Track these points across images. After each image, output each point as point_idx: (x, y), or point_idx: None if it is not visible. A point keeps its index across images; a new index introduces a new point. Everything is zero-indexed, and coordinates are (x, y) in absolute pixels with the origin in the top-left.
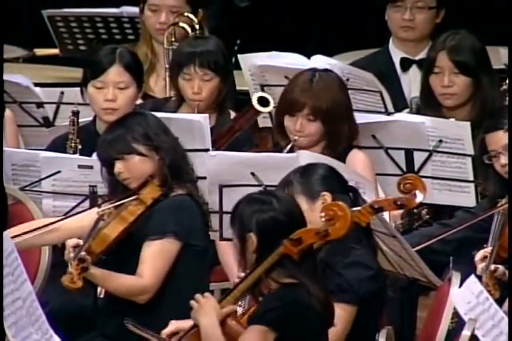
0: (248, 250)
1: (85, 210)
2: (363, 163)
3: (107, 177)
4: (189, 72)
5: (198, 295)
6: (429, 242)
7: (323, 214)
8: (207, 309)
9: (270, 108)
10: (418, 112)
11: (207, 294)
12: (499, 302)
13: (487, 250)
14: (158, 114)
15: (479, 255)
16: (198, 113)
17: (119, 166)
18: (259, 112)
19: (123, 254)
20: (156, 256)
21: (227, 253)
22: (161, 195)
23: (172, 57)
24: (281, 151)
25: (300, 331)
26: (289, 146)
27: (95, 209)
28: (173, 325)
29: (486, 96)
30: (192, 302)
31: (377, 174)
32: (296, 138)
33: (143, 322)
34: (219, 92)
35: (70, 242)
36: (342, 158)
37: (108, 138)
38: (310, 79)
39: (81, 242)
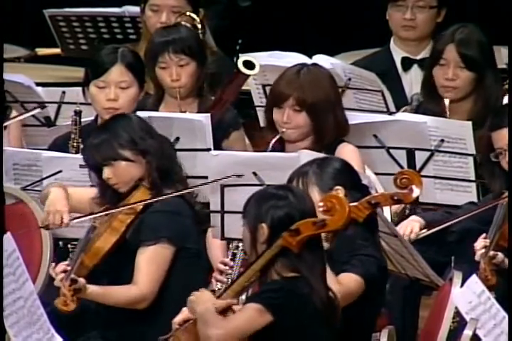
0: (259, 241)
1: None
2: (351, 154)
3: (96, 180)
4: (164, 60)
5: (194, 292)
6: (448, 223)
7: (321, 204)
8: (201, 299)
9: (256, 70)
10: (418, 108)
11: (202, 289)
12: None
13: (487, 239)
14: (161, 114)
15: (479, 244)
16: (180, 100)
17: (107, 172)
18: (245, 77)
19: (118, 261)
20: (150, 262)
21: (214, 244)
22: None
23: (146, 50)
24: (280, 151)
25: (296, 322)
26: (276, 138)
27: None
28: (184, 313)
29: (489, 93)
30: (189, 297)
31: (379, 174)
32: (283, 130)
33: (145, 325)
34: (197, 77)
35: (58, 268)
36: (331, 152)
37: (94, 143)
38: (297, 71)
39: (68, 268)
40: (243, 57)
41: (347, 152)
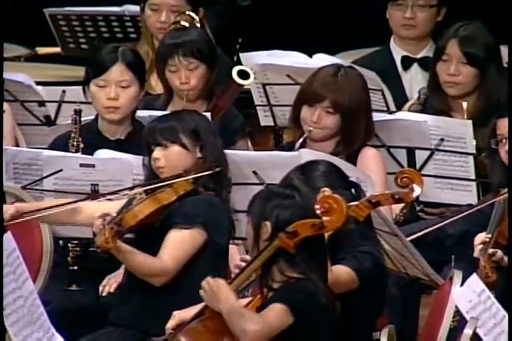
0: (262, 238)
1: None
2: (374, 159)
3: (147, 165)
4: (174, 63)
5: (208, 278)
6: (431, 229)
7: (318, 206)
8: (224, 294)
9: (250, 80)
10: (425, 102)
11: (216, 278)
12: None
13: (487, 235)
14: (161, 113)
15: (479, 239)
16: (187, 102)
17: (157, 152)
18: (240, 86)
19: (149, 240)
20: (180, 242)
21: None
22: (193, 190)
23: (156, 51)
24: (282, 150)
25: (307, 323)
26: (303, 138)
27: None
28: (176, 318)
29: (491, 89)
30: (203, 284)
31: None
32: (311, 129)
33: (160, 316)
34: (207, 80)
35: (100, 212)
36: (353, 155)
37: (159, 126)
38: (335, 72)
39: (112, 213)
40: (238, 67)
41: (370, 158)
